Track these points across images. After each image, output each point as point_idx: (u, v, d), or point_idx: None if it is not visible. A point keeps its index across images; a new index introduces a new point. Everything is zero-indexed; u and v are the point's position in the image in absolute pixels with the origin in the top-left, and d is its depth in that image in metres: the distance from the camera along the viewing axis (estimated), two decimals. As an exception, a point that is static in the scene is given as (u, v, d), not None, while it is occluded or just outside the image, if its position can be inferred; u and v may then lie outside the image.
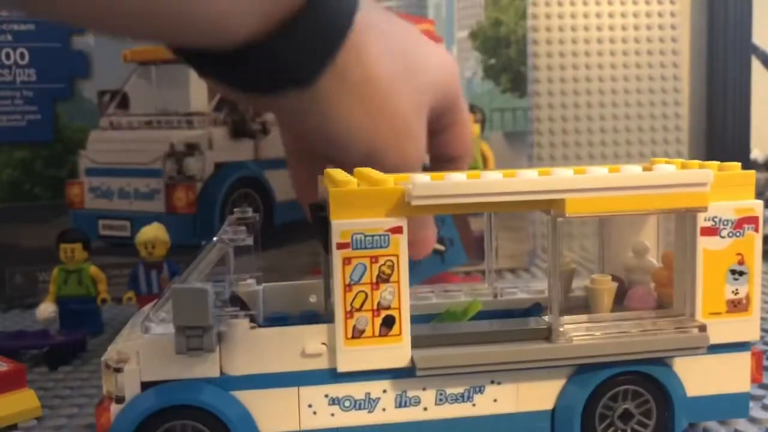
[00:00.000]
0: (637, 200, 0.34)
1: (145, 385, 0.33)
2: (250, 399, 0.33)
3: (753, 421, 0.38)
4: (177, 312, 0.32)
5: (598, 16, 0.86)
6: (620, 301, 0.39)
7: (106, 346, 0.54)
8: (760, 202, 0.35)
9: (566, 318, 0.36)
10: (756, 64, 0.92)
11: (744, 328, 0.36)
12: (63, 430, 0.40)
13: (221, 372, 0.33)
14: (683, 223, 0.36)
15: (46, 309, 0.56)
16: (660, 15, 0.87)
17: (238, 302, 0.36)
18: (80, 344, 0.53)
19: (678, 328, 0.36)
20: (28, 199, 0.67)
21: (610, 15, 0.86)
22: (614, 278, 0.38)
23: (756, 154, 0.92)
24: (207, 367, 0.33)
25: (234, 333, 0.33)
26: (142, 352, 0.33)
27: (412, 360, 0.33)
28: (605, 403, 0.35)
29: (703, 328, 0.35)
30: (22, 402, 0.41)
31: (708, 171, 0.34)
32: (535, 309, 0.39)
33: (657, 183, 0.34)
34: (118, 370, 0.33)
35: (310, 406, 0.33)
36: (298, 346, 0.33)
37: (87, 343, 0.54)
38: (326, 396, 0.33)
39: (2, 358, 0.43)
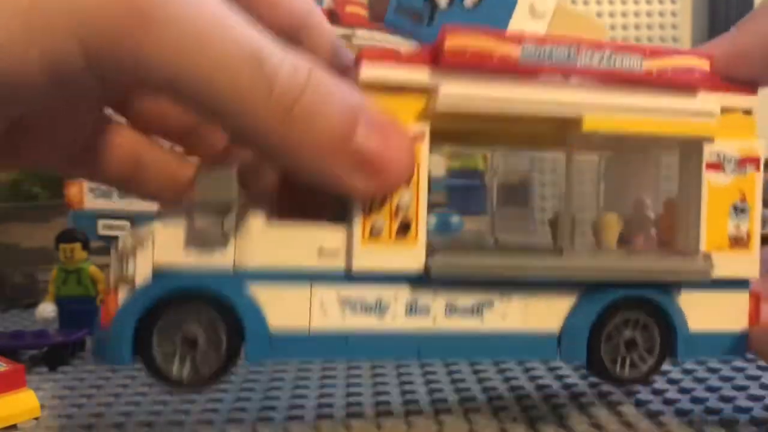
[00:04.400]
0: (651, 123, 0.34)
1: (157, 271, 0.32)
2: (262, 293, 0.32)
3: (755, 422, 0.38)
4: (200, 190, 0.31)
5: (598, 15, 0.86)
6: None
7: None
8: (762, 143, 0.36)
9: (577, 243, 0.36)
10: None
11: (745, 264, 0.36)
12: (62, 431, 0.40)
13: (235, 263, 0.32)
14: (688, 159, 0.37)
15: (46, 309, 0.56)
16: (661, 15, 0.87)
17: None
18: (79, 344, 0.53)
19: (683, 257, 0.36)
20: (28, 199, 0.66)
21: (611, 15, 0.86)
22: None
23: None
24: (221, 257, 0.32)
25: (250, 224, 0.32)
26: (156, 235, 0.31)
27: (426, 265, 0.33)
28: (611, 330, 0.35)
29: (707, 256, 0.36)
30: (22, 402, 0.41)
31: (716, 102, 0.35)
32: None
33: (670, 107, 0.34)
34: (130, 254, 0.31)
35: (321, 305, 0.33)
36: (315, 243, 0.32)
37: (86, 343, 0.54)
38: (338, 297, 0.33)
39: (1, 358, 0.43)
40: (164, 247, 0.31)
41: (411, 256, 0.33)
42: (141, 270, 0.31)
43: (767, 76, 0.36)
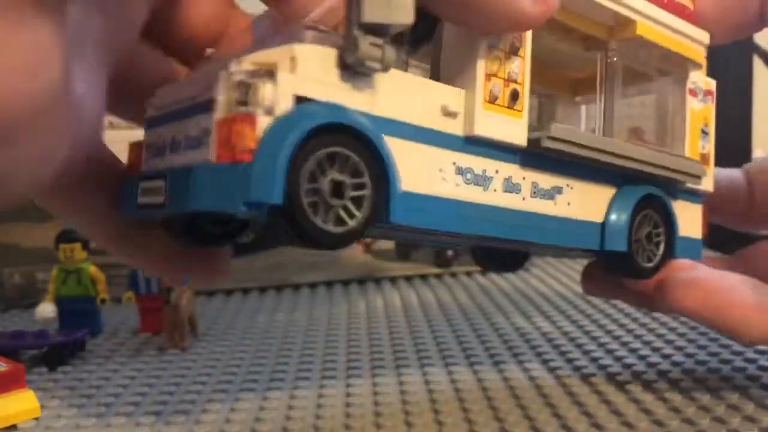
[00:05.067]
0: (677, 42, 0.40)
1: (299, 102, 0.27)
2: (393, 147, 0.29)
3: (751, 420, 0.38)
4: (368, 5, 0.26)
5: None
6: None
7: (105, 346, 0.55)
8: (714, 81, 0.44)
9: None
10: (758, 64, 0.92)
11: (708, 179, 0.43)
12: (62, 431, 0.40)
13: (374, 107, 0.29)
14: (675, 84, 0.42)
15: (45, 309, 0.56)
16: None
17: None
18: (79, 344, 0.53)
19: (687, 158, 0.42)
20: (28, 198, 0.66)
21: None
22: None
23: (759, 153, 0.92)
24: (364, 97, 0.28)
25: (385, 72, 0.29)
26: (300, 59, 0.26)
27: (534, 137, 0.34)
28: (636, 224, 0.39)
29: (698, 161, 0.42)
30: (21, 402, 0.41)
31: (707, 34, 0.41)
32: None
33: (683, 31, 0.40)
34: (268, 75, 0.26)
35: (441, 170, 0.31)
36: (438, 101, 0.31)
37: (86, 343, 0.54)
38: (454, 164, 0.32)
39: (1, 359, 0.43)
40: (309, 76, 0.27)
41: (517, 128, 0.33)
42: (282, 98, 0.26)
43: (719, 35, 0.42)
